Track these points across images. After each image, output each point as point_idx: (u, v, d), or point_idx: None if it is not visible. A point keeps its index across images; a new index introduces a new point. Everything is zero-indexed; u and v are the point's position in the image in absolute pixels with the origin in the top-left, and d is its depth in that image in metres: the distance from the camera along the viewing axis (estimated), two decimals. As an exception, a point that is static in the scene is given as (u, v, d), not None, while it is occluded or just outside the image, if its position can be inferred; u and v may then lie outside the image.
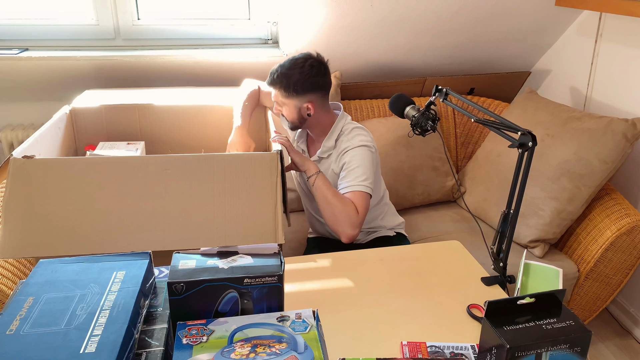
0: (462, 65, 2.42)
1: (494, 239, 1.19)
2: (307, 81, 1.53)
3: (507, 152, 1.99)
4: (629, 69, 2.01)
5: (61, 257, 0.83)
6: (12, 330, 0.65)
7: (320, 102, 1.59)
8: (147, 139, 1.73)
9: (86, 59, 2.01)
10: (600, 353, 1.96)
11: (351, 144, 1.57)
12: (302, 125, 1.62)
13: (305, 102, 1.55)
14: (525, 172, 1.12)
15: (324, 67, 1.57)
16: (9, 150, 2.11)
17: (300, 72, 1.52)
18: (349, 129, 1.62)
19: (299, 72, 1.52)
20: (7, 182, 1.17)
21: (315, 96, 1.56)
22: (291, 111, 1.58)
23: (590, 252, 1.76)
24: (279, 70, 1.55)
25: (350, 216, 1.43)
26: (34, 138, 1.34)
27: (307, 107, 1.56)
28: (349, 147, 1.56)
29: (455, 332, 1.01)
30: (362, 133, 1.60)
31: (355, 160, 1.53)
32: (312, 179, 1.48)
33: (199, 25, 2.18)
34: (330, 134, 1.62)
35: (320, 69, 1.56)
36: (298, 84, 1.52)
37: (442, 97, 1.43)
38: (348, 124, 1.64)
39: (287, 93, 1.54)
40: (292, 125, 1.63)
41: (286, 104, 1.57)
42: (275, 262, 0.79)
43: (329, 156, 1.63)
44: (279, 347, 0.67)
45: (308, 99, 1.55)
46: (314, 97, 1.56)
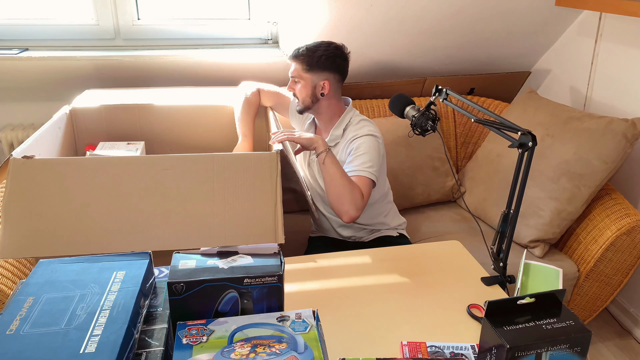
0: (462, 65, 2.42)
1: (494, 239, 1.19)
2: (329, 59, 1.62)
3: (507, 152, 1.99)
4: (629, 69, 2.01)
5: (61, 257, 0.83)
6: (12, 330, 0.65)
7: (335, 85, 1.65)
8: (147, 139, 1.73)
9: (86, 59, 2.00)
10: (600, 353, 1.96)
11: (359, 132, 1.62)
12: (313, 105, 1.66)
13: (322, 80, 1.62)
14: (525, 172, 1.12)
15: (345, 54, 1.67)
16: (9, 150, 2.11)
17: (325, 49, 1.62)
18: (356, 120, 1.67)
19: (324, 49, 1.62)
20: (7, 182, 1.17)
21: (332, 76, 1.64)
22: (307, 87, 1.63)
23: (590, 252, 1.76)
24: (302, 47, 1.63)
25: (355, 198, 1.46)
26: (33, 138, 1.34)
27: (323, 84, 1.63)
28: (357, 135, 1.61)
29: (455, 332, 1.01)
30: (370, 124, 1.66)
31: (363, 147, 1.57)
32: (322, 156, 1.48)
33: (198, 25, 2.18)
34: (339, 123, 1.67)
35: (343, 54, 1.66)
36: (321, 59, 1.61)
37: (442, 97, 1.43)
38: (356, 116, 1.69)
39: (308, 67, 1.62)
40: (302, 106, 1.66)
41: (304, 79, 1.63)
42: (275, 262, 0.79)
43: (336, 145, 1.67)
44: (279, 347, 0.67)
45: (325, 77, 1.63)
46: (331, 77, 1.64)
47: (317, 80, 1.62)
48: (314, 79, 1.62)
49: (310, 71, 1.62)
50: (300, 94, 1.64)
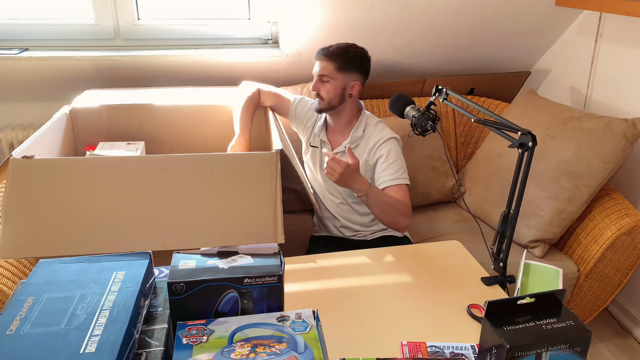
0: (462, 65, 2.42)
1: (494, 239, 1.18)
2: (362, 60, 1.64)
3: (507, 152, 1.99)
4: (629, 69, 2.01)
5: (61, 257, 0.83)
6: (12, 330, 0.65)
7: (361, 87, 1.67)
8: (147, 139, 1.73)
9: (86, 59, 2.00)
10: (600, 353, 1.96)
11: (383, 135, 1.64)
12: (338, 105, 1.66)
13: (352, 81, 1.64)
14: (525, 172, 1.12)
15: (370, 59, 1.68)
16: (9, 150, 2.11)
17: (357, 50, 1.64)
18: (373, 122, 1.69)
19: (356, 50, 1.64)
20: (6, 182, 1.17)
21: (361, 78, 1.66)
22: (337, 87, 1.63)
23: (590, 252, 1.76)
24: (333, 46, 1.64)
25: (404, 210, 1.53)
26: (33, 138, 1.34)
27: (353, 85, 1.64)
28: (383, 138, 1.63)
29: (455, 332, 1.01)
30: (386, 126, 1.69)
31: (392, 153, 1.61)
32: (364, 199, 1.50)
33: (199, 25, 2.18)
34: (358, 124, 1.68)
35: (370, 57, 1.68)
36: (355, 59, 1.63)
37: (442, 97, 1.43)
38: (372, 117, 1.71)
39: (341, 66, 1.62)
40: (327, 106, 1.65)
41: (334, 79, 1.62)
42: (275, 262, 0.79)
43: (357, 146, 1.67)
44: (279, 347, 0.67)
45: (356, 78, 1.64)
46: (360, 78, 1.66)
47: (349, 81, 1.63)
48: (345, 79, 1.62)
49: (343, 71, 1.62)
50: (328, 94, 1.63)
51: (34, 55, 1.96)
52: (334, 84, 1.62)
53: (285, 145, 1.41)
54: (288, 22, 2.06)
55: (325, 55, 1.63)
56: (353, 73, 1.63)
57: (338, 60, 1.61)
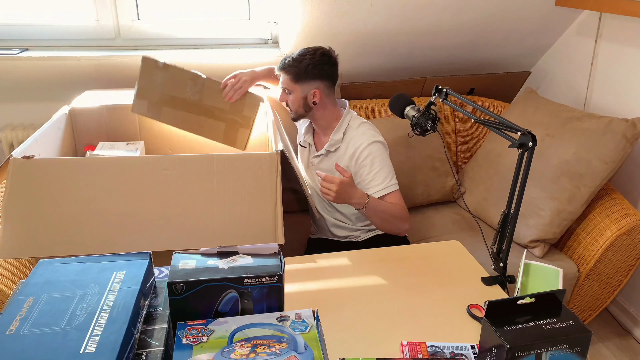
0: (462, 65, 2.42)
1: (494, 239, 1.18)
2: (316, 67, 1.59)
3: (507, 152, 1.99)
4: (629, 69, 2.01)
5: (61, 257, 0.83)
6: (12, 330, 0.65)
7: (327, 92, 1.64)
8: (146, 139, 1.73)
9: (86, 59, 2.00)
10: (600, 353, 1.96)
11: (363, 140, 1.60)
12: (306, 114, 1.65)
13: (312, 89, 1.61)
14: (525, 172, 1.12)
15: (333, 59, 1.64)
16: (9, 150, 2.11)
17: (311, 58, 1.59)
18: (356, 124, 1.66)
19: (310, 58, 1.59)
20: (6, 182, 1.18)
21: (322, 84, 1.62)
22: (297, 97, 1.62)
23: (590, 252, 1.76)
24: (290, 56, 1.61)
25: (402, 215, 1.54)
26: (33, 138, 1.34)
27: (313, 93, 1.61)
28: (362, 144, 1.59)
29: (455, 332, 1.01)
30: (370, 128, 1.65)
31: (377, 161, 1.57)
32: (363, 211, 1.49)
33: (198, 26, 2.18)
34: (338, 127, 1.66)
35: (330, 60, 1.63)
36: (308, 68, 1.58)
37: (442, 97, 1.43)
38: (355, 118, 1.68)
39: (296, 78, 1.60)
40: (296, 115, 1.66)
41: (294, 90, 1.61)
42: (275, 262, 0.79)
43: (337, 149, 1.66)
44: (279, 347, 0.67)
45: (315, 86, 1.61)
46: (321, 85, 1.61)
47: (308, 90, 1.60)
48: (304, 89, 1.60)
49: (299, 82, 1.59)
50: (293, 105, 1.64)
51: (34, 55, 1.96)
52: (295, 96, 1.61)
53: (286, 145, 1.41)
54: (288, 22, 2.06)
55: (281, 68, 1.62)
56: (310, 82, 1.59)
57: (291, 72, 1.59)
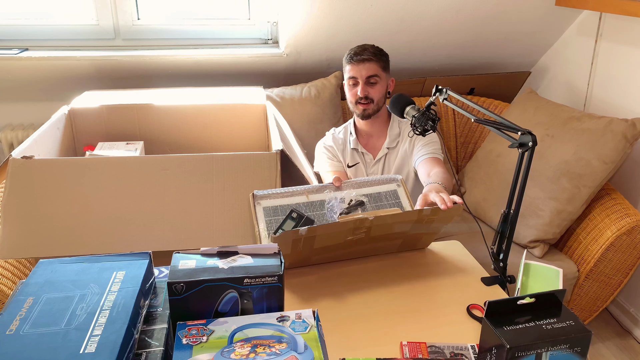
0: (462, 65, 2.42)
1: (494, 239, 1.18)
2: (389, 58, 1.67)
3: (507, 152, 1.99)
4: (629, 69, 2.01)
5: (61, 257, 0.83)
6: (12, 330, 0.65)
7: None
8: (146, 139, 1.73)
9: (86, 59, 2.01)
10: (600, 353, 1.96)
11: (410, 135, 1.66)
12: (383, 105, 1.68)
13: (390, 77, 1.68)
14: (525, 172, 1.12)
15: None
16: (9, 150, 2.11)
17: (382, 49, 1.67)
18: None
19: (382, 49, 1.67)
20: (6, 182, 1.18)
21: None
22: (383, 87, 1.66)
23: (590, 252, 1.76)
24: (368, 47, 1.64)
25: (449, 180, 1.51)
26: (32, 139, 1.34)
27: (389, 83, 1.67)
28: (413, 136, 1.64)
29: (455, 332, 1.01)
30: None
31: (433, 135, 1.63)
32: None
33: (199, 25, 2.18)
34: (392, 122, 1.70)
35: None
36: (387, 57, 1.67)
37: (442, 97, 1.43)
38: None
39: (384, 65, 1.65)
40: (377, 107, 1.66)
41: (381, 79, 1.65)
42: (275, 262, 0.78)
43: (397, 144, 1.70)
44: (279, 347, 0.67)
45: (390, 76, 1.68)
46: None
47: (388, 79, 1.67)
48: (387, 77, 1.66)
49: (386, 70, 1.65)
50: (377, 94, 1.65)
51: (34, 55, 1.96)
52: (382, 84, 1.64)
53: (287, 145, 1.41)
54: (288, 22, 2.06)
55: (371, 55, 1.62)
56: (389, 71, 1.67)
57: (382, 60, 1.63)
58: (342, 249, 1.14)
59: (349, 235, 1.08)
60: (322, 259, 1.15)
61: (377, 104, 1.65)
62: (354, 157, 1.74)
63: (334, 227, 1.03)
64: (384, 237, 1.14)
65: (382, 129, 1.70)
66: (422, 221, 1.12)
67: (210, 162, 1.24)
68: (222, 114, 1.76)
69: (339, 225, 1.03)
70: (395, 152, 1.69)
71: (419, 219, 1.11)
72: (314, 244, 1.07)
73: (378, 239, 1.14)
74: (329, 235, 1.06)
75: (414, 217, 1.10)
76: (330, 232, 1.04)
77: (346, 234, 1.07)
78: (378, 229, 1.10)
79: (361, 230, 1.08)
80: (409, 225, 1.13)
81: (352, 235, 1.09)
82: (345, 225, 1.04)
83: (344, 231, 1.06)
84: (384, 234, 1.13)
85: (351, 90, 1.68)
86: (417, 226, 1.14)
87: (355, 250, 1.17)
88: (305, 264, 1.15)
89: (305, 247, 1.07)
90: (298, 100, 2.09)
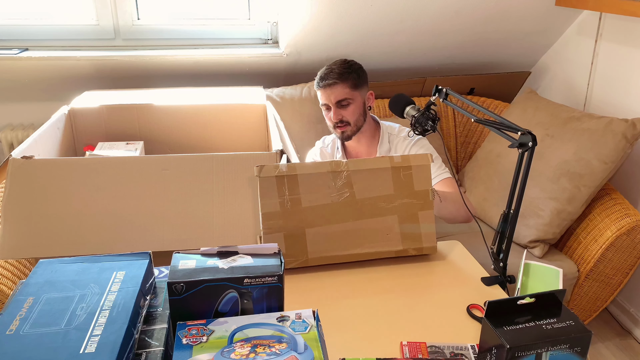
0: (462, 65, 2.42)
1: (494, 239, 1.18)
2: (363, 70, 1.58)
3: (507, 152, 1.99)
4: (629, 69, 2.01)
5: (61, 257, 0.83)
6: (12, 330, 0.65)
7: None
8: (146, 139, 1.73)
9: (86, 59, 2.00)
10: (600, 353, 1.96)
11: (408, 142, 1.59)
12: (364, 123, 1.60)
13: (367, 93, 1.59)
14: (525, 172, 1.12)
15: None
16: (9, 150, 2.11)
17: (353, 63, 1.58)
18: (394, 128, 1.63)
19: (353, 63, 1.58)
20: (6, 182, 1.17)
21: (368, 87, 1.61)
22: (359, 105, 1.57)
23: (590, 252, 1.76)
24: (334, 67, 1.55)
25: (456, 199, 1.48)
26: (32, 138, 1.34)
27: (368, 97, 1.59)
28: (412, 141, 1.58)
29: (455, 332, 1.01)
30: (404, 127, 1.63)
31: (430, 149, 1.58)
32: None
33: (199, 25, 2.18)
34: (382, 137, 1.62)
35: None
36: (359, 71, 1.56)
37: (442, 97, 1.43)
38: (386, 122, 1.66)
39: (355, 83, 1.55)
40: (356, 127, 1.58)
41: (354, 99, 1.56)
42: (275, 262, 0.78)
43: None
44: (279, 347, 0.67)
45: (367, 89, 1.59)
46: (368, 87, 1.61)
47: (364, 95, 1.57)
48: (362, 94, 1.56)
49: (358, 87, 1.56)
50: (353, 116, 1.57)
51: (34, 55, 1.96)
52: (356, 104, 1.56)
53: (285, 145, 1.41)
54: (288, 22, 2.06)
55: (337, 78, 1.54)
56: (364, 85, 1.58)
57: (350, 79, 1.54)
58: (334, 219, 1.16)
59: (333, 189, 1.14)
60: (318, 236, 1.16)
61: (356, 124, 1.59)
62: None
63: (312, 165, 1.13)
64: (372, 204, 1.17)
65: (371, 145, 1.65)
66: (399, 173, 1.16)
67: (210, 162, 1.24)
68: (222, 114, 1.76)
69: (317, 165, 1.13)
70: None
71: (393, 166, 1.16)
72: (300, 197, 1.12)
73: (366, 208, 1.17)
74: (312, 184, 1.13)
75: (386, 162, 1.15)
76: (310, 172, 1.12)
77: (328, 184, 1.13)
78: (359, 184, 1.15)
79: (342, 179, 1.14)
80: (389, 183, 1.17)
81: (335, 191, 1.14)
82: (323, 165, 1.13)
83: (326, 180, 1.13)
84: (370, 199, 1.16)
85: (326, 115, 1.63)
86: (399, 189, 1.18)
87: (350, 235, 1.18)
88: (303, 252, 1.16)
89: (293, 202, 1.12)
90: (298, 100, 2.09)
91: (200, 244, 1.18)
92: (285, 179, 1.11)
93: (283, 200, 1.12)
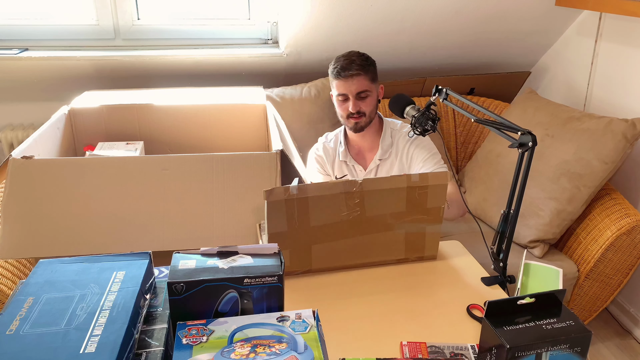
0: (462, 65, 2.42)
1: (494, 239, 1.18)
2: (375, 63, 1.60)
3: (507, 152, 1.99)
4: (629, 69, 2.01)
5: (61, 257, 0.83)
6: (12, 330, 0.65)
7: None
8: (146, 139, 1.73)
9: (86, 59, 2.00)
10: (600, 353, 1.96)
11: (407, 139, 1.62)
12: (375, 115, 1.63)
13: (379, 87, 1.62)
14: (525, 172, 1.12)
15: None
16: (9, 150, 2.11)
17: (368, 56, 1.59)
18: (394, 122, 1.66)
19: (367, 56, 1.59)
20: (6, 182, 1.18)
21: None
22: (375, 98, 1.61)
23: (590, 252, 1.76)
24: (354, 59, 1.56)
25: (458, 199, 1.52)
26: (32, 138, 1.34)
27: (379, 92, 1.62)
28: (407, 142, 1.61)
29: (455, 332, 1.01)
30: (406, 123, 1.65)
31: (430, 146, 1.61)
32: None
33: (199, 25, 2.18)
34: (384, 132, 1.65)
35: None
36: (374, 65, 1.59)
37: (442, 97, 1.43)
38: (387, 119, 1.68)
39: (373, 77, 1.58)
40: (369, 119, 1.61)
41: (371, 91, 1.59)
42: (275, 262, 0.78)
43: (389, 155, 1.65)
44: (279, 347, 0.67)
45: (379, 83, 1.62)
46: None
47: (378, 87, 1.61)
48: (377, 87, 1.60)
49: (375, 80, 1.59)
50: (369, 107, 1.60)
51: (34, 55, 1.96)
52: (373, 96, 1.59)
53: (286, 145, 1.41)
54: (288, 22, 2.06)
55: (359, 69, 1.55)
56: (377, 79, 1.62)
57: (370, 71, 1.57)
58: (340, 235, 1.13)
59: (343, 208, 1.09)
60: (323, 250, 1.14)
61: (369, 116, 1.61)
62: (342, 169, 1.72)
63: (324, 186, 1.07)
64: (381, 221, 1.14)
65: (374, 140, 1.67)
66: (414, 192, 1.13)
67: (210, 162, 1.24)
68: (222, 114, 1.76)
69: (330, 186, 1.07)
70: (388, 164, 1.66)
71: (409, 186, 1.12)
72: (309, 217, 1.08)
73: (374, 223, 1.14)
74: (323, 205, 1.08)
75: (403, 182, 1.11)
76: (322, 194, 1.07)
77: (340, 204, 1.09)
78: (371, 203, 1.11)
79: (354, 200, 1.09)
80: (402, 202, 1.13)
81: (346, 210, 1.09)
82: (337, 186, 1.07)
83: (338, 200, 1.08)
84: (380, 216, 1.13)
85: (341, 105, 1.62)
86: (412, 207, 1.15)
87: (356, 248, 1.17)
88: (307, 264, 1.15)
89: (301, 221, 1.08)
90: (298, 100, 2.09)
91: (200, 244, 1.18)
92: (295, 202, 1.05)
93: (292, 221, 1.08)
